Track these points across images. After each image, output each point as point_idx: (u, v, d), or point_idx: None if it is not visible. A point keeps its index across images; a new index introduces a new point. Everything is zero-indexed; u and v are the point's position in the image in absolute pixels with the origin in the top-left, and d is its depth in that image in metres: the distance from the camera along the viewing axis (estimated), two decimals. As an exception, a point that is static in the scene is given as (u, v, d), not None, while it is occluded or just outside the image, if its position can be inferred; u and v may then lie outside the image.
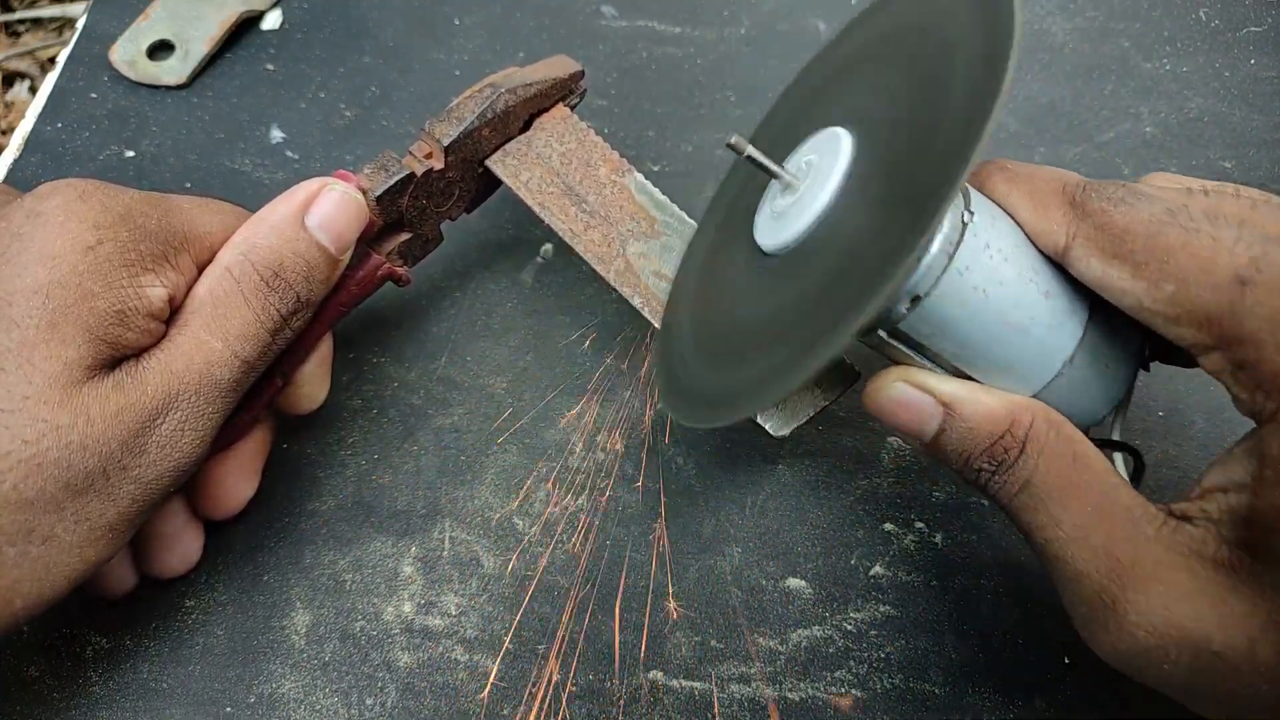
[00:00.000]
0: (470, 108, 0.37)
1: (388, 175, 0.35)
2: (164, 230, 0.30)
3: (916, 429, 0.28)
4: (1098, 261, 0.25)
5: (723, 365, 0.29)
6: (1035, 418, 0.26)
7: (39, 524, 0.26)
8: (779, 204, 0.29)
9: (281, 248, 0.31)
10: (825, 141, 0.29)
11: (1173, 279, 0.24)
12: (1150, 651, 0.24)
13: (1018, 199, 0.27)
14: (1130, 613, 0.24)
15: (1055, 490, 0.26)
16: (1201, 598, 0.24)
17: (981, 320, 0.26)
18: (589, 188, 0.38)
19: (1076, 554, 0.26)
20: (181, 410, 0.29)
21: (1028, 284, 0.26)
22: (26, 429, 0.26)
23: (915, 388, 0.27)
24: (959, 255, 0.26)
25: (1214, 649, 0.23)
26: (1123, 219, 0.25)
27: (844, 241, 0.26)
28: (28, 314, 0.27)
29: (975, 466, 0.27)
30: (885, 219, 0.25)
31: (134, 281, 0.28)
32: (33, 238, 0.28)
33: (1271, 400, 0.23)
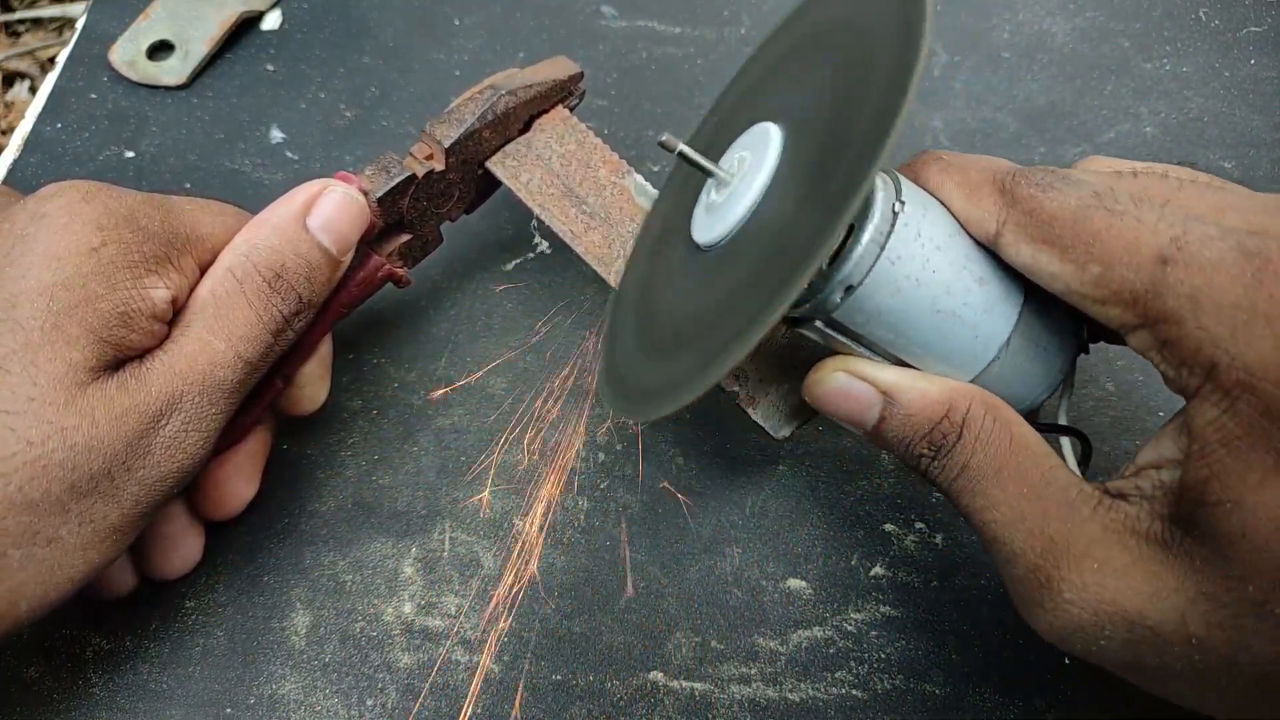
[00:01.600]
0: (471, 109, 0.37)
1: (389, 177, 0.35)
2: (167, 232, 0.30)
3: (858, 418, 0.28)
4: (1027, 247, 0.26)
5: (660, 357, 0.30)
6: (972, 402, 0.27)
7: (44, 526, 0.26)
8: (712, 199, 0.30)
9: (283, 249, 0.31)
10: (756, 137, 0.29)
11: (1098, 261, 0.24)
12: (1086, 627, 0.25)
13: (951, 188, 0.28)
14: (1065, 590, 0.25)
15: (992, 473, 0.27)
16: (1135, 573, 0.24)
17: (915, 308, 0.27)
18: (589, 189, 0.38)
19: (1013, 534, 0.26)
20: (185, 411, 0.29)
21: (960, 271, 0.27)
22: (32, 430, 0.26)
23: (855, 377, 0.28)
24: (890, 245, 0.26)
25: (1147, 623, 0.24)
26: (1050, 204, 0.25)
27: (772, 232, 0.27)
28: (32, 315, 0.27)
29: (915, 452, 0.28)
30: (810, 209, 0.25)
31: (137, 283, 0.28)
32: (37, 239, 0.28)
33: (1195, 376, 0.23)
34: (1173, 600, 0.24)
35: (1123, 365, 0.40)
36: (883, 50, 0.25)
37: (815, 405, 0.29)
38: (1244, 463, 0.22)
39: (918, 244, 0.26)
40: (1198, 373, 0.23)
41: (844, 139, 0.25)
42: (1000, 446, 0.27)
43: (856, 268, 0.26)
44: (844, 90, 0.27)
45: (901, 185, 0.27)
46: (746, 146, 0.30)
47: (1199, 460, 0.23)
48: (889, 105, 0.23)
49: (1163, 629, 0.24)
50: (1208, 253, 0.23)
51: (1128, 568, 0.24)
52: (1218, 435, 0.23)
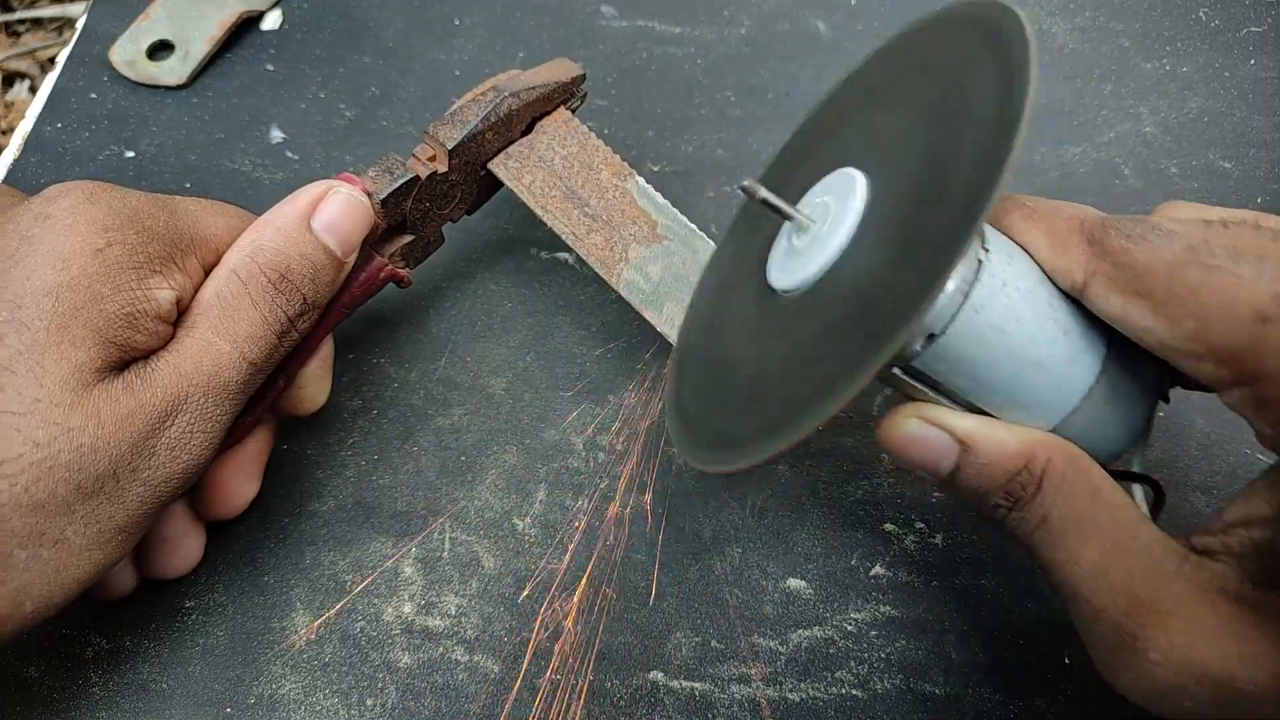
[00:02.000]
0: (473, 111, 0.37)
1: (392, 178, 0.35)
2: (171, 232, 0.30)
3: (932, 466, 0.27)
4: (1117, 299, 0.25)
5: (734, 407, 0.29)
6: (1052, 453, 0.26)
7: (50, 527, 0.26)
8: (793, 244, 0.29)
9: (288, 250, 0.31)
10: (839, 182, 0.29)
11: (1194, 316, 0.24)
12: (1172, 689, 0.24)
13: (1035, 236, 0.27)
14: (1150, 650, 0.24)
15: (1073, 526, 0.26)
16: (1223, 634, 0.24)
17: (998, 357, 0.26)
18: (591, 191, 0.38)
19: (1095, 591, 0.25)
20: (190, 412, 0.29)
21: (1045, 321, 0.26)
22: (38, 431, 0.26)
23: (931, 424, 0.27)
24: (975, 293, 0.25)
25: (1236, 685, 0.23)
26: (1143, 256, 0.25)
27: (860, 283, 0.26)
28: (38, 316, 0.27)
29: (992, 503, 0.27)
30: (901, 261, 0.25)
31: (142, 284, 0.28)
32: (42, 240, 0.28)
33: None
34: (1264, 664, 0.23)
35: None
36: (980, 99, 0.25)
37: (889, 451, 0.28)
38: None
39: (1003, 293, 0.26)
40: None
41: (939, 192, 0.24)
42: (1081, 499, 0.26)
43: (940, 315, 0.25)
44: (937, 139, 0.26)
45: (986, 232, 0.27)
46: (827, 191, 0.29)
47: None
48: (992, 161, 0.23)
49: (1253, 693, 0.23)
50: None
51: (1216, 629, 0.24)
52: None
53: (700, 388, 0.32)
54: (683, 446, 0.31)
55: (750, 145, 0.48)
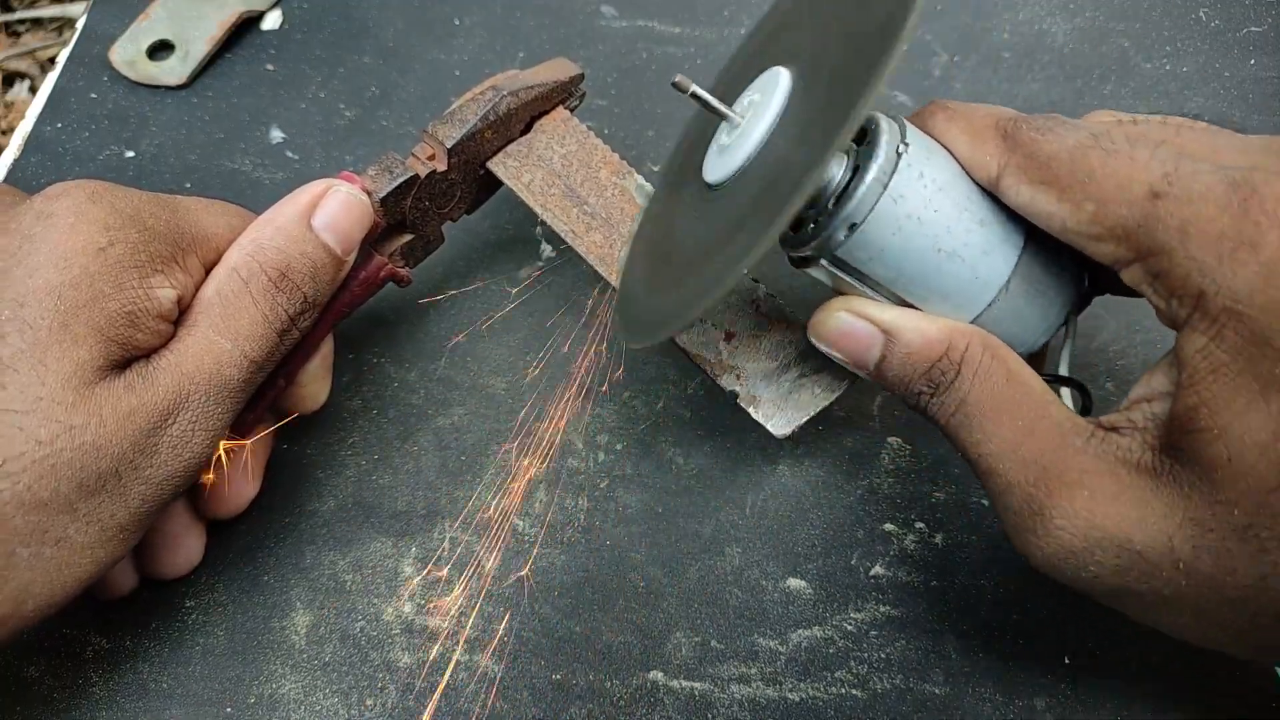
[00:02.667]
0: (472, 110, 0.37)
1: (391, 177, 0.35)
2: (172, 231, 0.30)
3: (860, 356, 0.29)
4: (1026, 188, 0.27)
5: (663, 287, 0.30)
6: (971, 341, 0.28)
7: (52, 525, 0.26)
8: (723, 140, 0.31)
9: (289, 249, 0.32)
10: (766, 80, 0.30)
11: (1093, 198, 0.25)
12: (1076, 553, 0.26)
13: (955, 134, 0.28)
14: (1056, 516, 0.26)
15: (989, 408, 0.27)
16: (1124, 500, 0.25)
17: (916, 246, 0.28)
18: (590, 190, 0.38)
19: (1007, 466, 0.27)
20: (192, 410, 0.29)
21: (961, 212, 0.28)
22: (41, 430, 0.26)
23: (857, 316, 0.29)
24: (893, 183, 0.27)
25: (1135, 548, 0.25)
26: (1049, 145, 0.26)
27: (776, 166, 0.28)
28: (40, 315, 0.27)
29: (915, 390, 0.29)
30: (812, 140, 0.26)
31: (144, 282, 0.28)
32: (44, 239, 0.28)
33: (1184, 306, 0.24)
34: (1161, 525, 0.24)
35: (1121, 366, 0.40)
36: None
37: (819, 343, 0.30)
38: (1230, 389, 0.23)
39: (920, 184, 0.27)
40: (1186, 303, 0.24)
41: (847, 74, 0.26)
42: (997, 383, 0.27)
43: (860, 205, 0.27)
44: (847, 30, 0.27)
45: (907, 130, 0.28)
46: (757, 89, 0.31)
47: (1188, 389, 0.24)
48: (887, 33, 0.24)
49: (1150, 554, 0.24)
50: (1197, 186, 0.24)
51: (1118, 495, 0.25)
52: (1205, 363, 0.23)
53: (643, 278, 0.33)
54: (621, 330, 0.33)
55: (750, 145, 0.48)
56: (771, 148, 0.29)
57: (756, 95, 0.30)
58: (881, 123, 0.28)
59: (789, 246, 0.30)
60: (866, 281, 0.29)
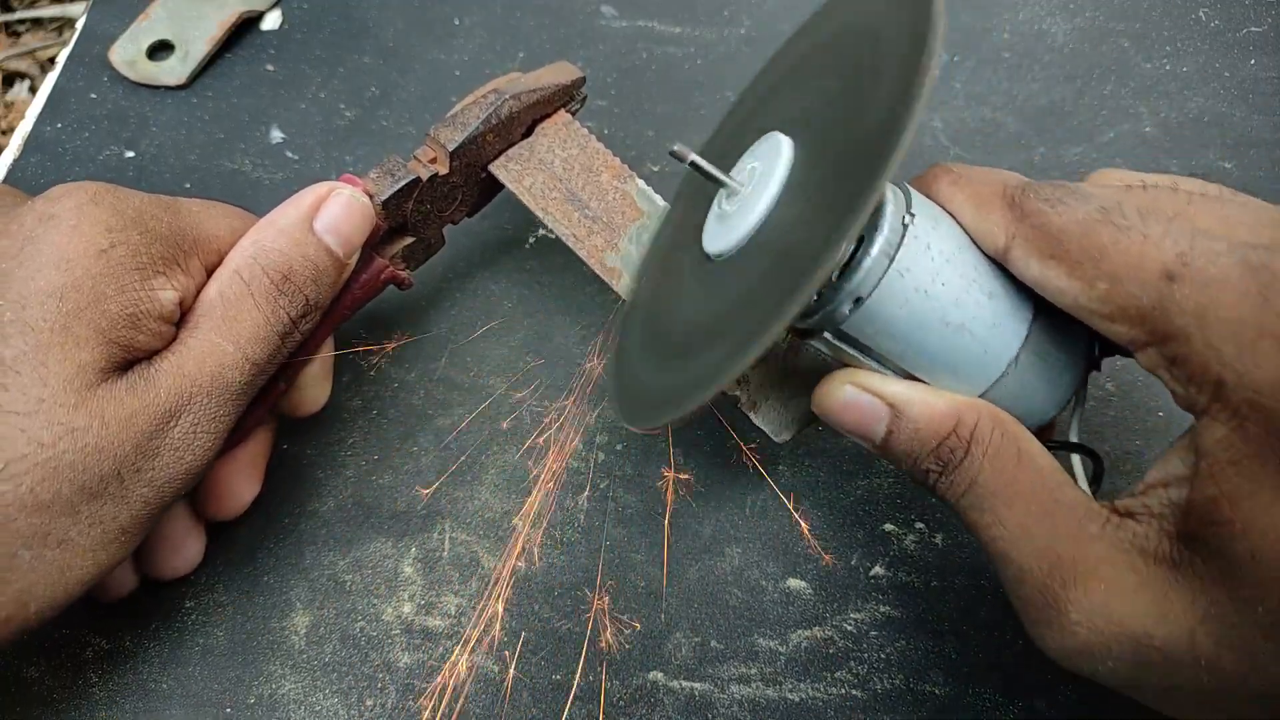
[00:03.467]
0: (475, 113, 0.37)
1: (393, 180, 0.35)
2: (174, 233, 0.30)
3: (865, 431, 0.28)
4: (1035, 262, 0.26)
5: (666, 367, 0.29)
6: (980, 418, 0.27)
7: (54, 527, 0.26)
8: (724, 209, 0.30)
9: (291, 251, 0.32)
10: (767, 147, 0.29)
11: (1105, 277, 0.24)
12: (1093, 648, 0.25)
13: (961, 202, 0.27)
14: (1072, 610, 0.25)
15: (1000, 489, 0.26)
16: (1142, 593, 0.24)
17: (924, 321, 0.27)
18: (591, 193, 0.38)
19: (1020, 552, 0.26)
20: (194, 413, 0.29)
21: (970, 285, 0.27)
22: (43, 432, 0.26)
23: (863, 390, 0.28)
24: (900, 257, 0.26)
25: (1154, 644, 0.24)
26: (1058, 219, 0.25)
27: (782, 243, 0.27)
28: (42, 317, 0.27)
29: (923, 467, 0.28)
30: (819, 220, 0.25)
31: (145, 284, 0.29)
32: (46, 241, 0.28)
33: (1203, 394, 0.23)
34: (1181, 621, 0.23)
35: (1122, 366, 0.40)
36: (892, 58, 0.25)
37: (824, 418, 0.29)
38: (1253, 482, 0.22)
39: (927, 256, 0.26)
40: (1206, 390, 0.23)
41: (854, 150, 0.25)
42: (1008, 463, 0.26)
43: (865, 279, 0.26)
44: (855, 99, 0.27)
45: (912, 198, 0.27)
46: (758, 157, 0.30)
47: (1208, 479, 0.23)
48: (898, 115, 0.23)
49: (1171, 650, 0.24)
50: (1213, 269, 0.23)
51: (1135, 588, 0.24)
52: (1226, 454, 0.23)
53: (638, 351, 0.32)
54: (618, 406, 0.31)
55: (750, 145, 0.48)
56: (778, 220, 0.28)
57: (757, 163, 0.29)
58: (886, 191, 0.27)
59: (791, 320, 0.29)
60: (871, 355, 0.28)
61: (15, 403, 0.26)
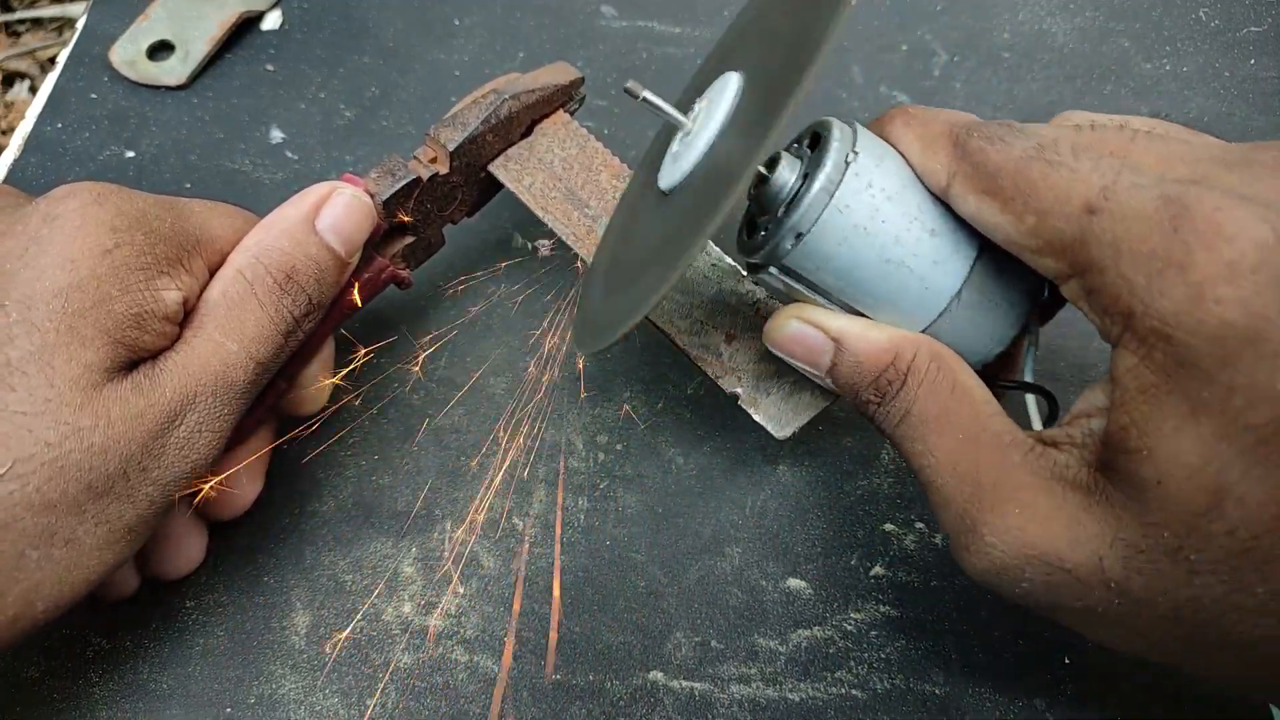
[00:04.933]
0: (474, 113, 0.37)
1: (394, 179, 0.35)
2: (177, 234, 0.30)
3: (811, 362, 0.30)
4: (973, 198, 0.26)
5: (611, 294, 0.30)
6: (918, 351, 0.28)
7: (61, 527, 0.26)
8: (675, 148, 0.31)
9: (294, 250, 0.32)
10: (717, 86, 0.30)
11: (1033, 211, 0.25)
12: (1007, 569, 0.26)
13: (910, 141, 0.28)
14: (987, 533, 0.26)
15: (932, 419, 0.27)
16: (1056, 518, 0.25)
17: (864, 257, 0.27)
18: (591, 192, 0.38)
19: (945, 479, 0.27)
20: (199, 412, 0.29)
21: (911, 222, 0.27)
22: (49, 431, 0.26)
23: (807, 323, 0.29)
24: (839, 193, 0.27)
25: (1066, 566, 0.25)
26: (996, 156, 0.26)
27: (718, 171, 0.28)
28: (48, 317, 0.27)
29: (864, 398, 0.29)
30: (745, 146, 0.26)
31: (150, 284, 0.29)
32: (50, 241, 0.28)
33: (1116, 325, 0.24)
34: (1092, 545, 0.24)
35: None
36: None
37: (774, 349, 0.31)
38: (1160, 410, 0.23)
39: (868, 193, 0.27)
40: (1119, 321, 0.24)
41: (783, 80, 0.26)
42: (942, 394, 0.27)
43: (806, 215, 0.27)
44: (789, 31, 0.27)
45: (859, 136, 0.28)
46: (709, 96, 0.30)
47: (1120, 408, 0.24)
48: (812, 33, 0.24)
49: (1082, 572, 0.24)
50: (1132, 202, 0.23)
51: (1050, 512, 0.25)
52: (1136, 383, 0.23)
53: (599, 287, 0.33)
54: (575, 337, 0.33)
55: (750, 145, 0.48)
56: (719, 151, 0.28)
57: (707, 101, 0.30)
58: (834, 130, 0.28)
59: (744, 253, 0.30)
60: (817, 290, 0.29)
61: (22, 403, 0.26)
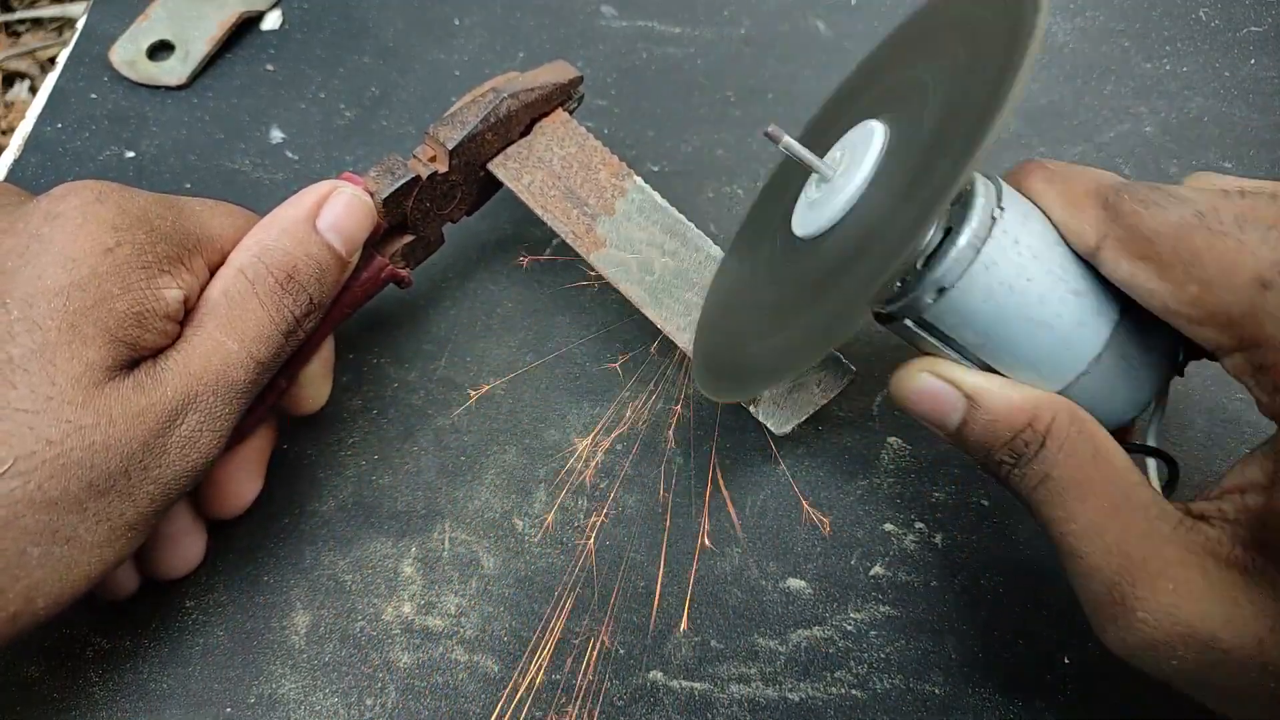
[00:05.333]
0: (473, 112, 0.37)
1: (393, 178, 0.35)
2: (178, 232, 0.30)
3: (939, 419, 0.28)
4: (1126, 262, 0.26)
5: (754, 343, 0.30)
6: (1058, 413, 0.27)
7: (62, 524, 0.26)
8: (813, 195, 0.30)
9: (294, 250, 0.32)
10: (860, 134, 0.30)
11: (1196, 281, 0.24)
12: (1158, 647, 0.25)
13: (1053, 198, 0.28)
14: (1139, 609, 0.25)
15: (1073, 485, 0.26)
16: (1211, 596, 0.24)
17: (1007, 315, 0.27)
18: (590, 191, 0.39)
19: (1091, 549, 0.26)
20: (200, 411, 0.29)
21: (1056, 281, 0.27)
22: (51, 429, 0.26)
23: (940, 379, 0.28)
24: (986, 250, 0.26)
25: (1221, 647, 0.24)
26: (1152, 221, 0.25)
27: (868, 228, 0.27)
28: (49, 315, 0.27)
29: (996, 459, 0.28)
30: (906, 206, 0.25)
31: (151, 283, 0.29)
32: (52, 239, 0.28)
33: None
34: (1250, 627, 0.23)
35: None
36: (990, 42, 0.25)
37: (899, 404, 0.29)
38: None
39: (1014, 250, 0.26)
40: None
41: (947, 139, 0.25)
42: (1083, 459, 0.26)
43: (950, 270, 0.26)
44: (950, 90, 0.27)
45: (1003, 191, 0.27)
46: (848, 145, 0.30)
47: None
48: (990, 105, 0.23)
49: (1238, 654, 0.24)
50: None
51: (1204, 591, 0.24)
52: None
53: (725, 330, 0.33)
54: (701, 379, 0.33)
55: (750, 145, 0.48)
56: (865, 205, 0.28)
57: (848, 149, 0.30)
58: (977, 183, 0.27)
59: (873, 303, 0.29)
60: (951, 345, 0.28)
61: (23, 400, 0.26)
